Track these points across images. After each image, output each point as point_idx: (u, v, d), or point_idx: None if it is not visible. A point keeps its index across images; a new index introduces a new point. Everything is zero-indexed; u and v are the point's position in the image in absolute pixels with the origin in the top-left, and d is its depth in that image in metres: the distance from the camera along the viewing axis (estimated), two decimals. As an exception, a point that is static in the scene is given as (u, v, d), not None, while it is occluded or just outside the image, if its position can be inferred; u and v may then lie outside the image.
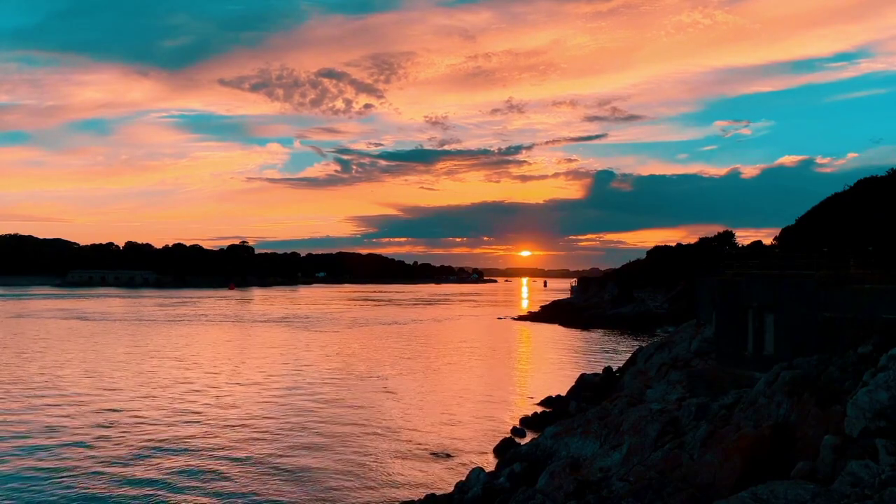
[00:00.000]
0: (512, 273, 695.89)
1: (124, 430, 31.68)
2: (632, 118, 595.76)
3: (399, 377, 48.43)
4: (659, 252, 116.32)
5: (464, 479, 22.86)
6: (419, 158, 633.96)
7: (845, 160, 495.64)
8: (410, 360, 58.07)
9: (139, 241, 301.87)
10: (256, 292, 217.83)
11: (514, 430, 32.35)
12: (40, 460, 26.67)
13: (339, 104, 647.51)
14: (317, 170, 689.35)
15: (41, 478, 24.60)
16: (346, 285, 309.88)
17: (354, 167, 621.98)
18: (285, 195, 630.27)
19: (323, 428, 32.63)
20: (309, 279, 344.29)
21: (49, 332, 76.58)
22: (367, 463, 27.01)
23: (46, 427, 31.97)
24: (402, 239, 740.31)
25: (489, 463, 26.45)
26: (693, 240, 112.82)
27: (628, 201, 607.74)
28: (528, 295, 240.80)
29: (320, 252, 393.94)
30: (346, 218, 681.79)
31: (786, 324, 23.67)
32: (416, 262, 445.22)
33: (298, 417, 34.82)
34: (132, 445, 28.95)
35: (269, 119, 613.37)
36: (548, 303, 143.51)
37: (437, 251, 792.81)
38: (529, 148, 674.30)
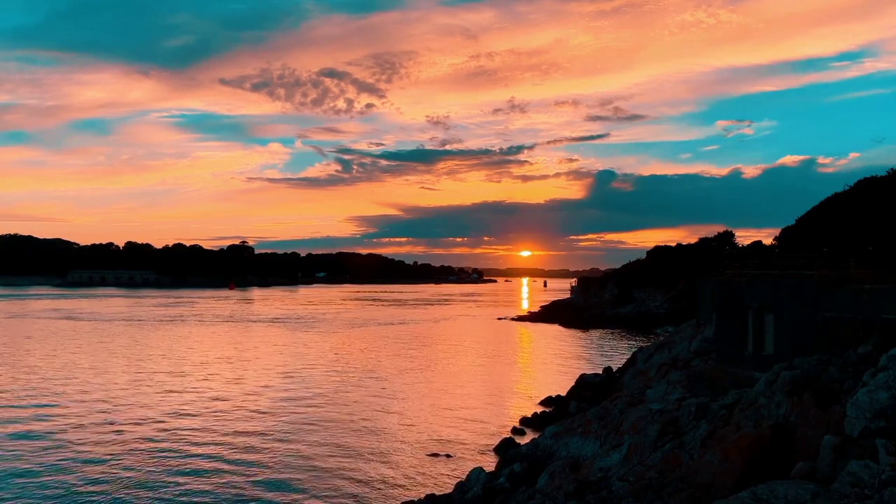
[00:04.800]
0: (512, 273, 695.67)
1: (123, 430, 31.68)
2: (634, 118, 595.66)
3: (399, 377, 48.42)
4: (659, 252, 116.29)
5: (464, 479, 22.86)
6: (420, 158, 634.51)
7: (847, 160, 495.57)
8: (410, 360, 58.07)
9: (139, 241, 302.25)
10: (256, 292, 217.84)
11: (514, 430, 32.35)
12: (36, 460, 26.69)
13: (341, 104, 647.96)
14: (317, 170, 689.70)
15: (37, 478, 24.63)
16: (346, 285, 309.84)
17: (355, 167, 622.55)
18: (286, 195, 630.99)
19: (323, 428, 32.63)
20: (309, 279, 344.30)
21: (48, 333, 76.58)
22: (367, 463, 27.02)
23: (44, 427, 31.98)
24: (403, 239, 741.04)
25: (489, 463, 26.44)
26: (694, 240, 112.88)
27: (629, 201, 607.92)
28: (528, 295, 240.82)
29: (320, 252, 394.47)
30: (346, 218, 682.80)
31: (786, 324, 23.67)
32: (416, 262, 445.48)
33: (297, 417, 34.82)
34: (130, 445, 28.95)
35: (270, 119, 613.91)
36: (548, 303, 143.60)
37: (437, 251, 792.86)
38: (531, 148, 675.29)
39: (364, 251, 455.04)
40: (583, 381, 40.39)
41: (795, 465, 13.77)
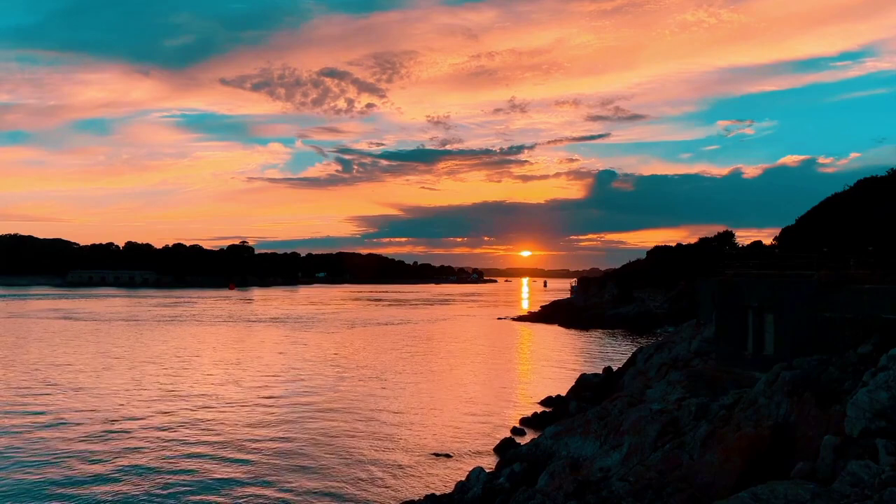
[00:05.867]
0: (512, 273, 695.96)
1: (123, 430, 31.67)
2: (635, 118, 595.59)
3: (399, 377, 48.42)
4: (659, 252, 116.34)
5: (464, 479, 22.86)
6: (420, 158, 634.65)
7: (848, 160, 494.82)
8: (410, 360, 58.07)
9: (139, 241, 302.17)
10: (256, 292, 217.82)
11: (514, 430, 32.36)
12: (35, 461, 26.69)
13: (341, 104, 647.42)
14: (318, 169, 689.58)
15: (36, 479, 24.63)
16: (346, 285, 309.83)
17: (355, 167, 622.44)
18: (286, 195, 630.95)
19: (323, 428, 32.63)
20: (309, 279, 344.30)
21: (48, 333, 76.57)
22: (367, 463, 27.02)
23: (43, 427, 31.97)
24: (403, 239, 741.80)
25: (489, 463, 26.44)
26: (694, 240, 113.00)
27: (630, 201, 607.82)
28: (528, 295, 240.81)
29: (320, 252, 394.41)
30: (346, 218, 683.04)
31: (786, 324, 23.67)
32: (416, 263, 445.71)
33: (297, 417, 34.81)
34: (130, 446, 28.95)
35: (270, 119, 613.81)
36: (548, 303, 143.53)
37: (437, 251, 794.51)
38: (531, 148, 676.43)
39: (364, 251, 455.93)
40: (583, 381, 40.39)
41: (795, 465, 13.77)
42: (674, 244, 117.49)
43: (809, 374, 16.89)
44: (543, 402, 39.11)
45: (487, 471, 23.44)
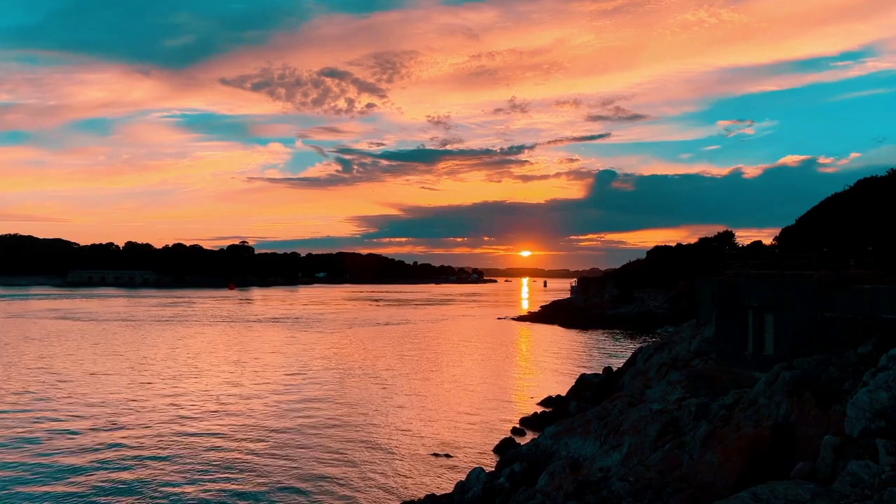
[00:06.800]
0: (512, 273, 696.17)
1: (124, 431, 31.67)
2: (635, 118, 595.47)
3: (399, 377, 48.42)
4: (659, 252, 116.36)
5: (464, 479, 22.86)
6: (421, 158, 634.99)
7: (848, 160, 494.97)
8: (410, 360, 58.07)
9: (139, 241, 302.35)
10: (256, 292, 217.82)
11: (514, 430, 32.35)
12: (36, 462, 26.69)
13: (342, 104, 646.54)
14: (318, 169, 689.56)
15: (37, 479, 24.64)
16: (346, 285, 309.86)
17: (356, 167, 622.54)
18: (286, 195, 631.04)
19: (323, 428, 32.63)
20: (309, 279, 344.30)
21: (48, 333, 76.56)
22: (367, 463, 27.02)
23: (44, 428, 31.98)
24: (403, 239, 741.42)
25: (489, 463, 26.45)
26: (694, 240, 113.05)
27: (630, 201, 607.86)
28: (528, 295, 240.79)
29: (320, 252, 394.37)
30: (346, 218, 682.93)
31: (786, 324, 23.67)
32: (416, 263, 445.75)
33: (297, 417, 34.82)
34: (131, 446, 28.95)
35: (270, 118, 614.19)
36: (548, 303, 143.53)
37: (437, 251, 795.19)
38: (532, 148, 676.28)
39: (364, 251, 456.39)
40: (583, 381, 40.41)
41: (795, 465, 13.77)
42: (674, 244, 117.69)
43: (809, 374, 16.89)
44: (543, 402, 39.11)
45: (487, 471, 23.44)
